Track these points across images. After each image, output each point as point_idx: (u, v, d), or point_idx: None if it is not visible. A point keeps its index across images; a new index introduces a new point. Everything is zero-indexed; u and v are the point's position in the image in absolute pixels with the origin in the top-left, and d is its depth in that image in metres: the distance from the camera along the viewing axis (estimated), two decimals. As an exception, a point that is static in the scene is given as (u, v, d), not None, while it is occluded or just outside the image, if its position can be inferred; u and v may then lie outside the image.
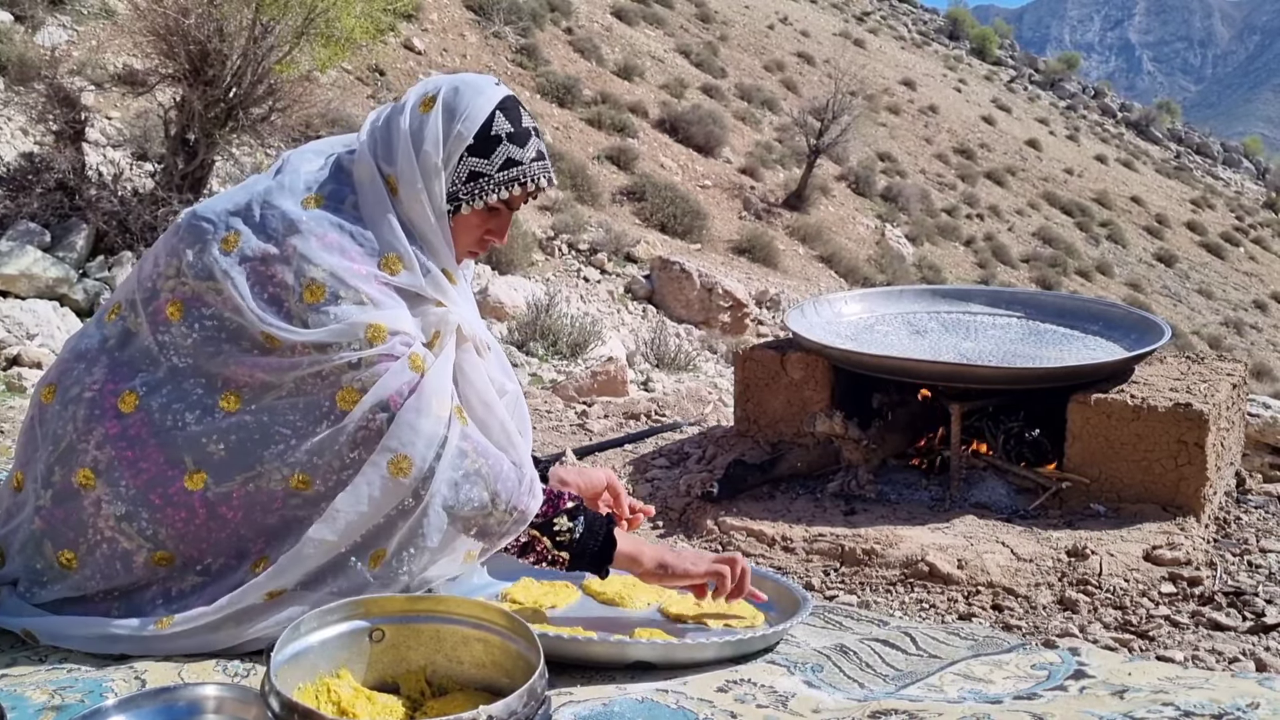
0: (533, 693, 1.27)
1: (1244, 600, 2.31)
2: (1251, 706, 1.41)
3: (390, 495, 1.58)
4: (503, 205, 1.73)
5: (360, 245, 1.63)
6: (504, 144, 1.69)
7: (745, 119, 21.74)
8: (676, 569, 1.74)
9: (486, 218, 1.74)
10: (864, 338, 3.31)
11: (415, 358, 1.61)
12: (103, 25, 11.86)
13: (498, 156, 1.69)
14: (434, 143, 1.66)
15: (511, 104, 1.72)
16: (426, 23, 17.21)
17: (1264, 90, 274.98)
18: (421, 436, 1.58)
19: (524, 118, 1.73)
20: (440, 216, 1.68)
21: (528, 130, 1.72)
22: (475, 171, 1.68)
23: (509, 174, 1.70)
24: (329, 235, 1.62)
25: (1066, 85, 47.06)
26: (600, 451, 3.45)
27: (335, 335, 1.57)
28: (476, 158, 1.68)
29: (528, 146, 1.71)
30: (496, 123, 1.69)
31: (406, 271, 1.64)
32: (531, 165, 1.71)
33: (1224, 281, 26.77)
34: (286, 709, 1.22)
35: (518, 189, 1.70)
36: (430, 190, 1.67)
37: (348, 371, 1.58)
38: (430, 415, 1.59)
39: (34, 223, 7.42)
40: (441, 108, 1.68)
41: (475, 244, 1.76)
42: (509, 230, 1.80)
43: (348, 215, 1.65)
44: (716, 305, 11.19)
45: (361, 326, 1.58)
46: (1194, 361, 3.21)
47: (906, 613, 2.28)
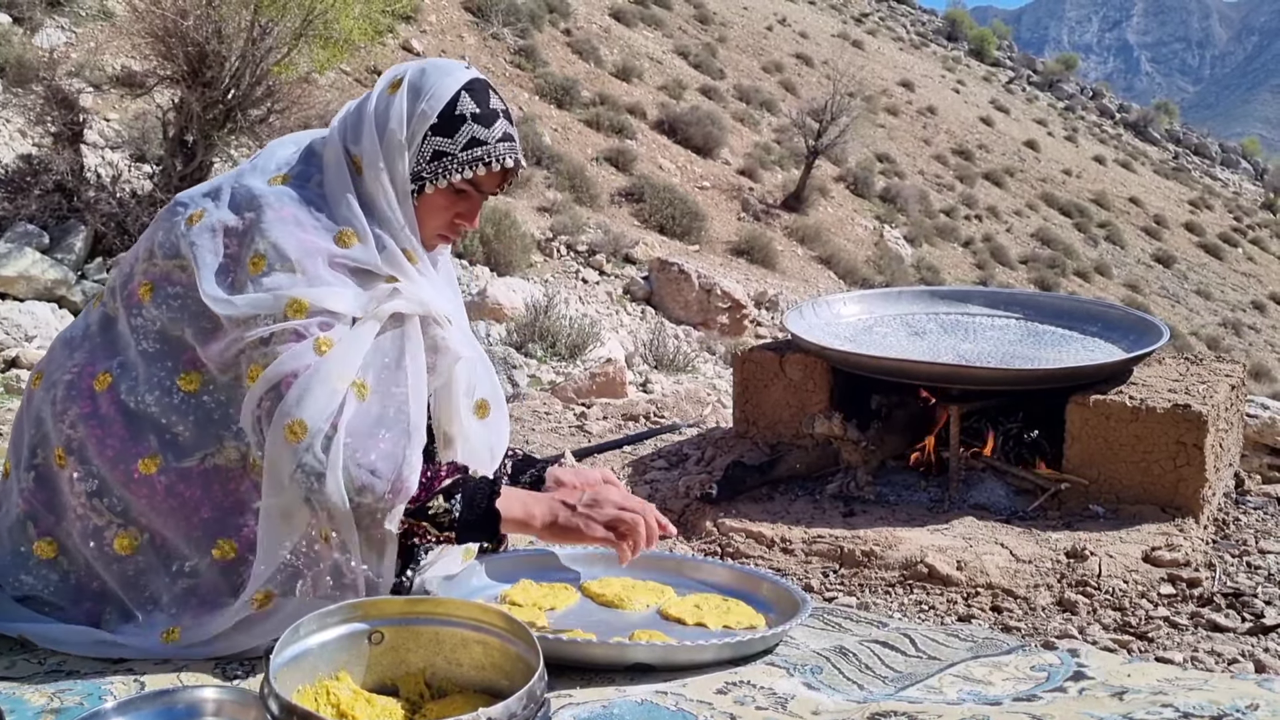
0: (532, 695, 1.27)
1: (1243, 601, 2.31)
2: (1250, 708, 1.41)
3: (288, 461, 1.53)
4: (470, 187, 1.71)
5: (316, 220, 1.63)
6: (469, 123, 1.67)
7: (744, 120, 21.75)
8: (569, 528, 1.68)
9: (454, 199, 1.71)
10: (863, 339, 3.31)
11: (322, 342, 1.57)
12: (101, 27, 11.86)
13: (462, 136, 1.67)
14: (398, 121, 1.66)
15: (480, 86, 1.70)
16: (425, 24, 17.21)
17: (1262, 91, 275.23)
18: (315, 404, 1.54)
19: (492, 99, 1.71)
20: (404, 196, 1.68)
21: (495, 111, 1.70)
22: (439, 151, 1.67)
23: (473, 153, 1.67)
24: (286, 209, 1.62)
25: (1065, 86, 47.11)
26: (599, 453, 3.44)
27: (256, 307, 1.57)
28: (440, 137, 1.66)
29: (494, 127, 1.69)
30: (461, 103, 1.67)
31: (360, 245, 1.64)
32: (497, 145, 1.68)
33: (1222, 282, 26.79)
34: (285, 711, 1.22)
35: (482, 169, 1.68)
36: (392, 169, 1.66)
37: (259, 347, 1.57)
38: (324, 382, 1.55)
39: (32, 224, 7.42)
40: (407, 88, 1.68)
41: (444, 227, 1.74)
42: (479, 215, 1.77)
43: (311, 193, 1.66)
44: (715, 306, 11.19)
45: (284, 300, 1.56)
46: (1192, 362, 3.22)
47: (906, 614, 2.28)
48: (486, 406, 1.82)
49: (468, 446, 1.80)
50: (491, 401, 1.83)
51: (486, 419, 1.83)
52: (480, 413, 1.81)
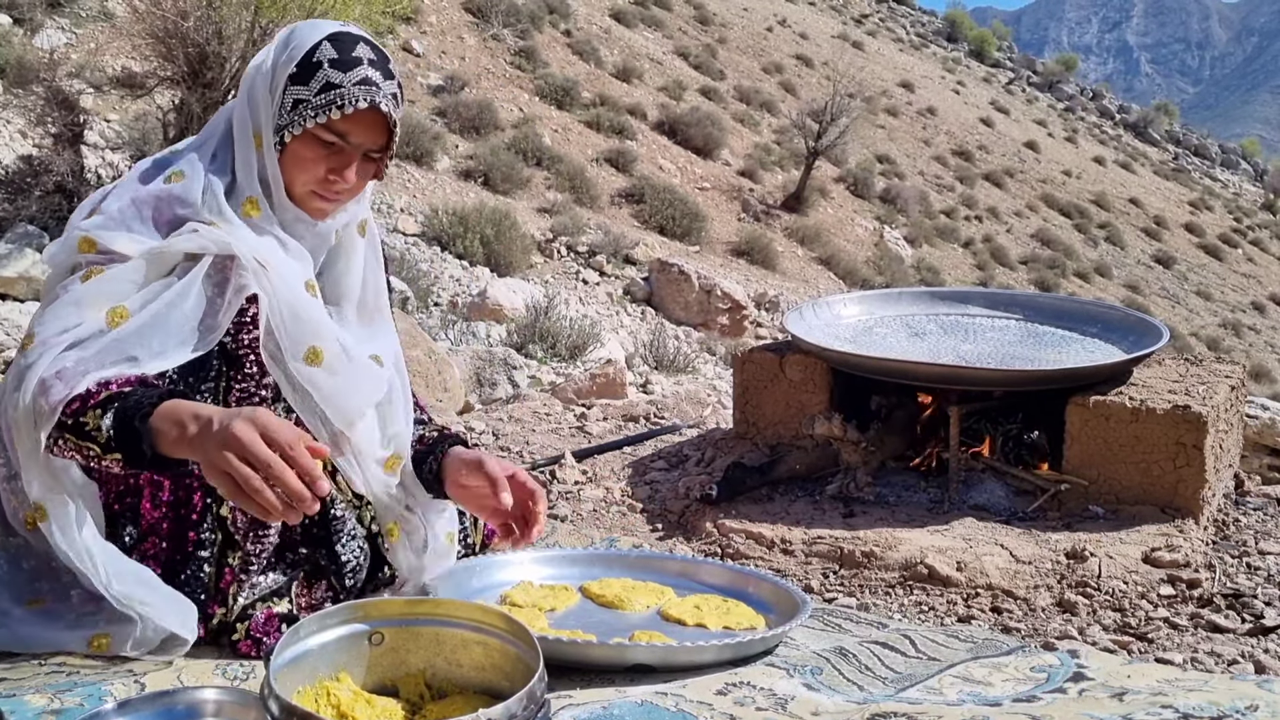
0: (532, 696, 1.27)
1: (1243, 602, 2.31)
2: (1250, 709, 1.41)
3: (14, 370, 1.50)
4: (335, 137, 1.64)
5: (154, 168, 1.66)
6: (324, 69, 1.62)
7: (744, 121, 21.76)
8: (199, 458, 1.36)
9: (321, 151, 1.65)
10: (862, 340, 3.31)
11: (92, 270, 1.56)
12: (101, 28, 11.86)
13: (317, 81, 1.62)
14: (263, 75, 1.65)
15: (346, 37, 1.65)
16: (425, 25, 17.22)
17: (1261, 92, 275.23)
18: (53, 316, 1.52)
19: (358, 48, 1.65)
20: (269, 148, 1.65)
21: (357, 58, 1.64)
22: (297, 99, 1.63)
23: (326, 97, 1.61)
24: (139, 166, 1.68)
25: (1065, 87, 47.13)
26: (599, 454, 3.45)
27: (60, 248, 1.60)
28: (298, 85, 1.63)
29: (352, 71, 1.62)
30: (321, 51, 1.63)
31: (184, 185, 1.63)
32: (353, 88, 1.61)
33: (1222, 283, 26.80)
34: (285, 712, 1.22)
35: (335, 112, 1.61)
36: (255, 121, 1.65)
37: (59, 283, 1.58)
38: (71, 303, 1.53)
39: (33, 225, 7.42)
40: (275, 42, 1.68)
41: (316, 183, 1.67)
42: (354, 170, 1.67)
43: (179, 155, 1.68)
44: (715, 307, 11.19)
45: (76, 239, 1.58)
46: (1192, 363, 3.22)
47: (905, 615, 2.29)
48: (318, 353, 1.67)
49: (320, 395, 1.67)
50: (326, 351, 1.67)
51: (323, 364, 1.67)
52: (312, 360, 1.66)
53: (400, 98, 1.69)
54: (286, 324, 1.65)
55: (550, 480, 3.18)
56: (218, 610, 1.66)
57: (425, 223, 11.45)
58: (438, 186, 13.10)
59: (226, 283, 1.61)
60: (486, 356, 6.55)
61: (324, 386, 1.68)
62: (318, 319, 1.68)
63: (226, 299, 1.61)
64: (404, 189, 12.57)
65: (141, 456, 1.41)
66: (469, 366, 6.26)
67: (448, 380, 5.04)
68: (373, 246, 1.84)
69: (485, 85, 16.74)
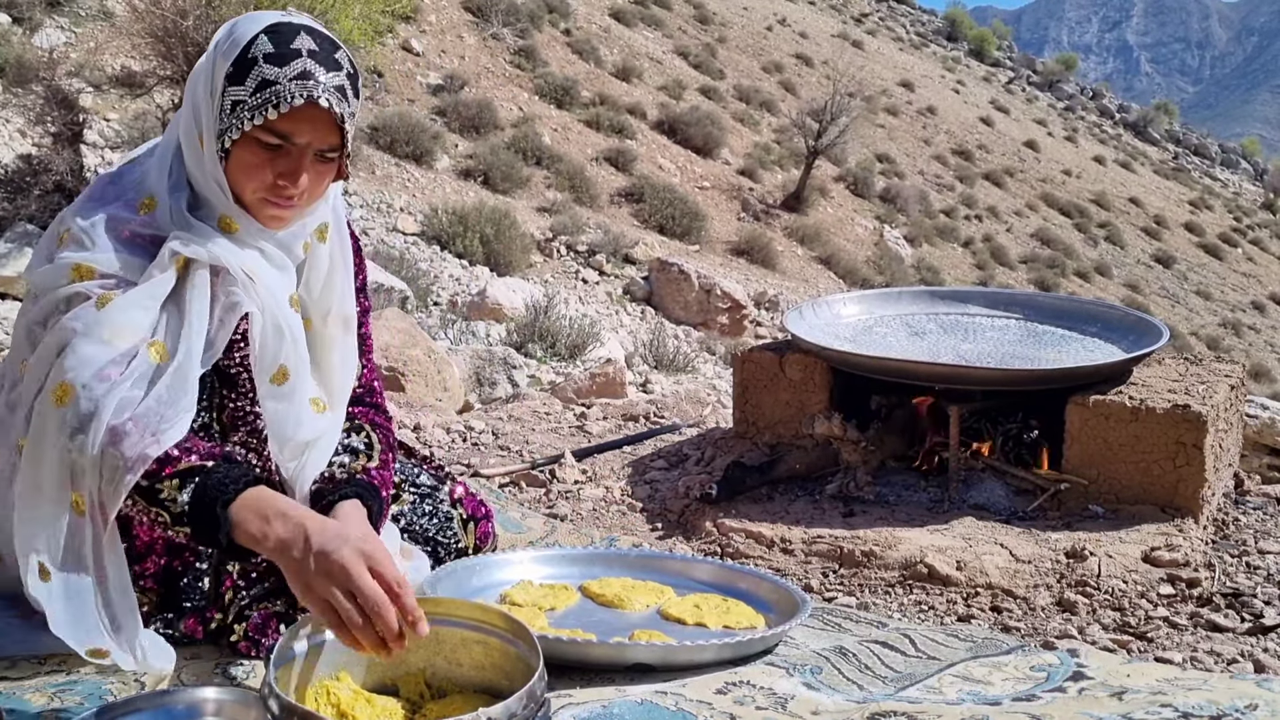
0: (532, 695, 1.27)
1: (1242, 601, 2.31)
2: (1250, 708, 1.41)
3: (54, 426, 1.40)
4: (277, 138, 1.51)
5: (125, 191, 1.57)
6: (259, 65, 1.49)
7: (744, 120, 21.76)
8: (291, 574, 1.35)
9: (265, 155, 1.53)
10: (862, 339, 3.31)
11: (105, 296, 1.47)
12: (101, 27, 11.86)
13: (252, 79, 1.49)
14: (204, 77, 1.54)
15: (286, 28, 1.52)
16: (424, 24, 17.21)
17: (1261, 91, 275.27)
18: (81, 360, 1.42)
19: (298, 39, 1.51)
20: (211, 155, 1.54)
21: (296, 50, 1.50)
22: (235, 101, 1.50)
23: (261, 96, 1.48)
24: (101, 187, 1.58)
25: (1064, 86, 47.12)
26: (599, 453, 3.45)
27: (49, 276, 1.50)
28: (235, 86, 1.50)
29: (289, 65, 1.49)
30: (256, 45, 1.50)
31: (159, 210, 1.55)
32: (289, 84, 1.48)
33: (1222, 283, 26.80)
34: (286, 712, 1.22)
35: (271, 111, 1.48)
36: (199, 125, 1.54)
37: (54, 316, 1.49)
38: (96, 340, 1.43)
39: (32, 225, 7.42)
40: (214, 42, 1.56)
41: (266, 190, 1.55)
42: (305, 171, 1.54)
43: (136, 170, 1.60)
44: (715, 307, 11.19)
45: (68, 267, 1.49)
46: (1192, 363, 3.22)
47: (905, 614, 2.29)
48: (285, 374, 1.62)
49: (268, 418, 1.64)
50: (293, 371, 1.63)
51: (284, 387, 1.62)
52: (278, 380, 1.62)
53: (350, 89, 1.55)
54: (268, 339, 1.60)
55: (550, 479, 3.18)
56: (215, 615, 1.66)
57: (425, 222, 11.46)
58: (437, 186, 13.10)
59: (214, 299, 1.55)
60: (486, 356, 6.55)
61: (279, 412, 1.62)
62: (295, 337, 1.63)
63: (217, 317, 1.55)
64: (403, 188, 12.57)
65: (214, 541, 1.39)
66: (469, 366, 6.27)
67: (447, 380, 5.04)
68: (340, 250, 1.74)
69: (485, 84, 16.74)
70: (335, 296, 1.72)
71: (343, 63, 1.55)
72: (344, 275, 1.73)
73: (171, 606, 1.65)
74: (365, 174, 12.35)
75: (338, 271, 1.72)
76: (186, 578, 1.66)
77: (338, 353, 1.73)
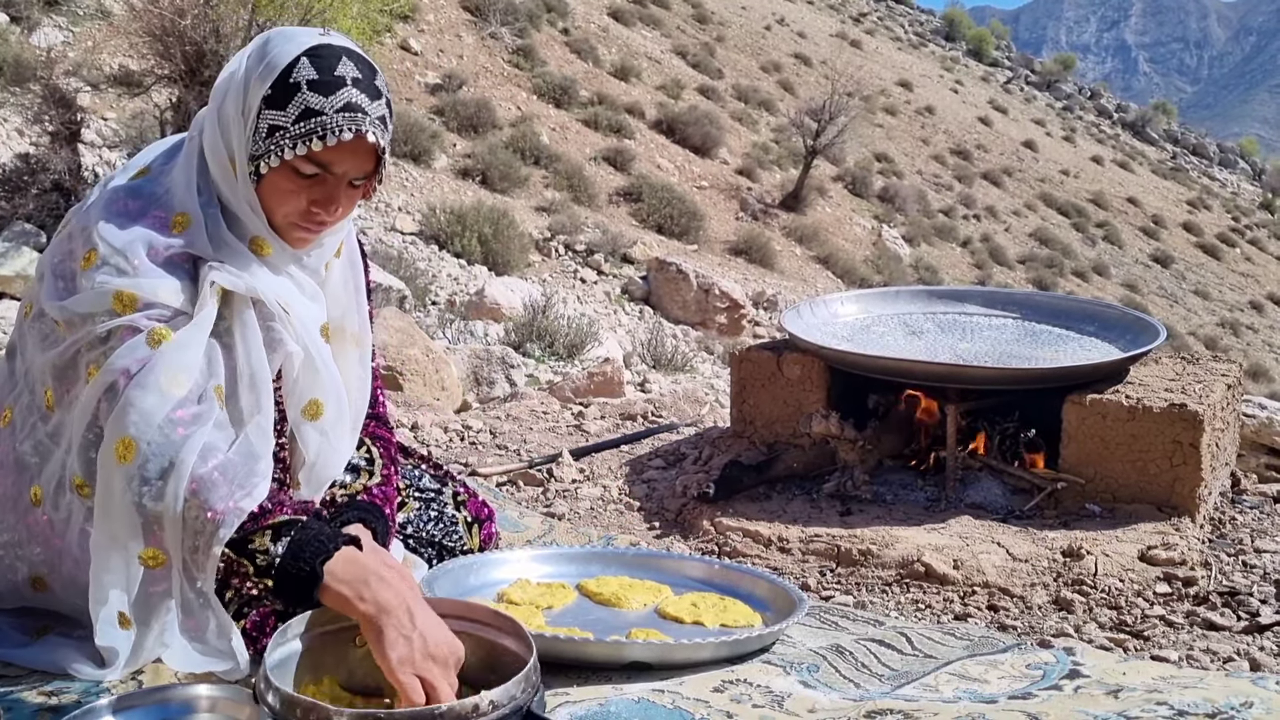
0: (529, 678, 1.29)
1: (1238, 600, 2.31)
2: (1245, 706, 1.41)
3: (121, 483, 1.37)
4: (316, 167, 1.48)
5: (153, 207, 1.50)
6: (303, 92, 1.44)
7: (742, 120, 21.76)
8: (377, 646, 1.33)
9: (301, 183, 1.49)
10: (860, 338, 3.31)
11: (158, 332, 1.42)
12: (99, 26, 11.85)
13: (294, 107, 1.44)
14: (235, 97, 1.49)
15: (328, 52, 1.48)
16: (423, 24, 17.20)
17: (1260, 91, 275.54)
18: (142, 414, 1.37)
19: (340, 65, 1.47)
20: (243, 178, 1.50)
21: (340, 78, 1.46)
22: (273, 125, 1.46)
23: (305, 126, 1.44)
24: (122, 201, 1.50)
25: (1063, 86, 47.13)
26: (597, 452, 3.45)
27: (85, 304, 1.44)
28: (274, 110, 1.46)
29: (334, 95, 1.45)
30: (299, 70, 1.45)
31: (193, 229, 1.48)
32: (335, 116, 1.44)
33: (1220, 282, 26.82)
34: (286, 704, 1.22)
35: (316, 143, 1.44)
36: (229, 148, 1.50)
37: (96, 346, 1.43)
38: (154, 389, 1.39)
39: (30, 224, 7.42)
40: (246, 59, 1.51)
41: (298, 216, 1.52)
42: (340, 200, 1.52)
43: (158, 184, 1.53)
44: (713, 306, 11.19)
45: (108, 295, 1.42)
46: (1189, 362, 3.22)
47: (902, 613, 2.29)
48: (319, 408, 1.61)
49: (309, 452, 1.63)
50: (326, 407, 1.62)
51: (320, 421, 1.62)
52: (309, 414, 1.61)
53: (389, 118, 1.53)
54: (302, 374, 1.58)
55: (548, 478, 3.18)
56: None
57: (423, 221, 11.45)
58: (435, 185, 13.10)
59: (271, 345, 1.53)
60: (484, 355, 6.55)
61: (313, 445, 1.61)
62: (328, 370, 1.61)
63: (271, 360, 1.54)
64: (402, 187, 12.57)
65: (301, 596, 1.36)
66: (467, 365, 6.27)
67: (445, 379, 5.04)
68: (351, 266, 1.71)
69: (483, 84, 16.74)
70: (351, 315, 1.69)
71: (382, 89, 1.52)
72: (357, 291, 1.71)
73: None
74: (363, 173, 12.34)
75: (350, 288, 1.70)
76: None
77: (354, 373, 1.70)
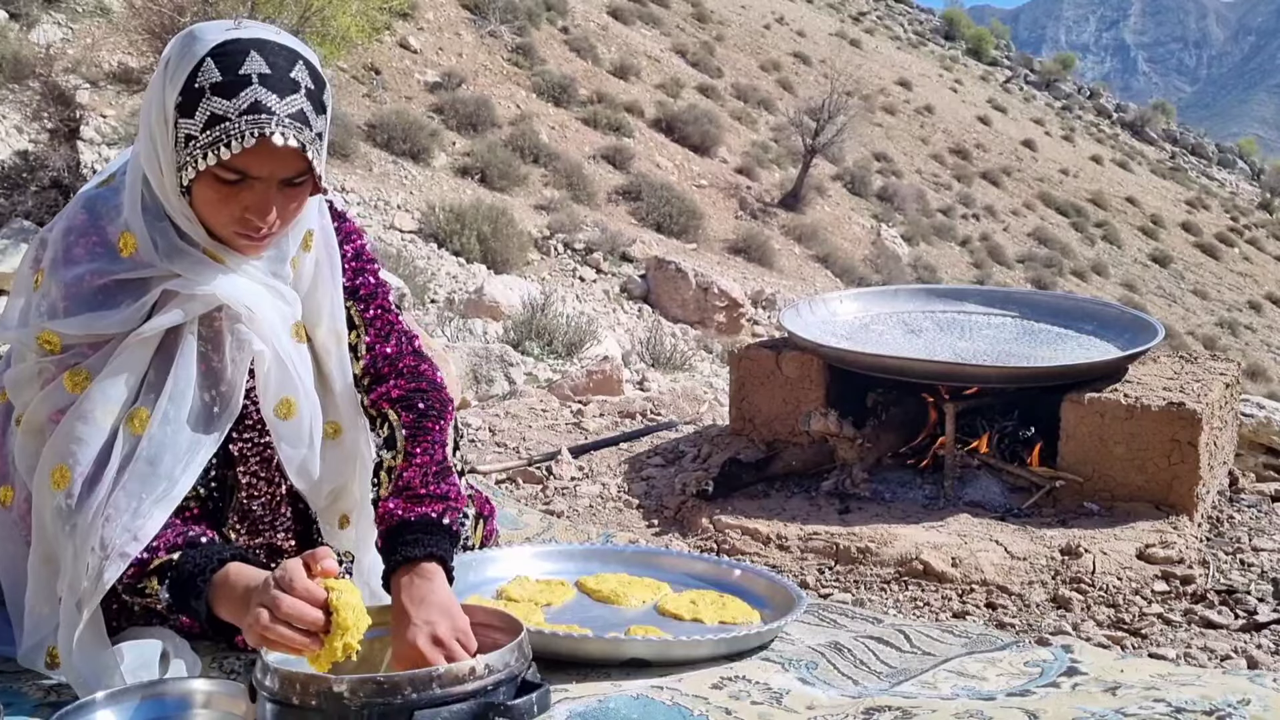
0: (520, 648, 1.32)
1: (1236, 598, 2.32)
2: (1242, 703, 1.42)
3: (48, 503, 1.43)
4: (234, 174, 1.41)
5: (104, 219, 1.48)
6: (207, 98, 1.37)
7: (741, 119, 21.76)
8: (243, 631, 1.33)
9: (227, 190, 1.42)
10: (859, 337, 3.31)
11: (72, 375, 1.45)
12: (98, 23, 11.84)
13: (201, 113, 1.38)
14: (155, 103, 1.44)
15: (234, 48, 1.39)
16: (422, 21, 17.20)
17: (1259, 91, 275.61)
18: (69, 443, 1.42)
19: (247, 63, 1.39)
20: (174, 190, 1.44)
21: (245, 78, 1.38)
22: (187, 135, 1.40)
23: (211, 134, 1.37)
24: (78, 216, 1.49)
25: (1062, 86, 47.13)
26: (596, 450, 3.45)
27: (18, 339, 1.48)
28: (186, 118, 1.39)
29: (238, 97, 1.37)
30: (203, 73, 1.38)
31: (142, 250, 1.46)
32: (239, 120, 1.36)
33: (1219, 282, 26.83)
34: (285, 682, 1.23)
35: (224, 151, 1.37)
36: (156, 157, 1.44)
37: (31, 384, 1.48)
38: (83, 423, 1.43)
39: (28, 221, 7.42)
40: (163, 63, 1.45)
41: (235, 223, 1.45)
42: (274, 204, 1.44)
43: (118, 192, 1.50)
44: (712, 305, 11.20)
45: (34, 334, 1.46)
46: (1187, 361, 3.22)
47: (901, 610, 2.29)
48: (291, 405, 1.59)
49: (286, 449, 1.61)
50: (299, 407, 1.59)
51: (291, 421, 1.59)
52: (282, 413, 1.59)
53: (311, 109, 1.43)
54: (272, 373, 1.56)
55: (547, 476, 3.18)
56: None
57: (422, 219, 11.46)
58: (434, 183, 13.10)
59: (221, 336, 1.51)
60: (483, 353, 6.54)
61: (287, 443, 1.59)
62: (298, 371, 1.58)
63: (227, 355, 1.51)
64: (400, 186, 12.57)
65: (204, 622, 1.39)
66: (466, 363, 6.26)
67: (445, 377, 5.04)
68: (326, 258, 1.64)
69: (482, 82, 16.73)
70: (325, 308, 1.64)
71: (300, 81, 1.42)
72: (332, 284, 1.65)
73: None
74: (362, 171, 12.35)
75: (325, 281, 1.64)
76: None
77: (334, 363, 1.67)
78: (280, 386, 1.57)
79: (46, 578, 1.47)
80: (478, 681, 1.24)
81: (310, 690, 1.22)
